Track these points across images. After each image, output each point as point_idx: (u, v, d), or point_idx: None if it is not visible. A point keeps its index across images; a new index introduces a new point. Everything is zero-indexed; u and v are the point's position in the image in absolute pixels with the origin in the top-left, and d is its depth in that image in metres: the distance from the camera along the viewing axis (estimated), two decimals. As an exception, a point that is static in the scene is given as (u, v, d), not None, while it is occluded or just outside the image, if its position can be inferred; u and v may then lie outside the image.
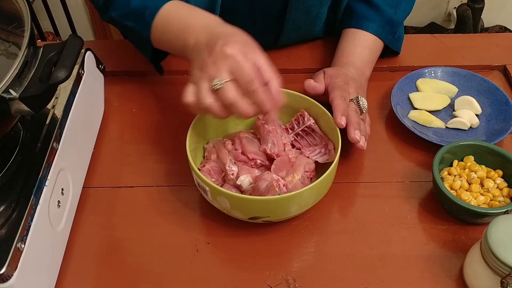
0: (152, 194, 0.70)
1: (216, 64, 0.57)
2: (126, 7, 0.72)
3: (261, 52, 0.59)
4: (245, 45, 0.58)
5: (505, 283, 0.53)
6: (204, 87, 0.57)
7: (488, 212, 0.62)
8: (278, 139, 0.67)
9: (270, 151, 0.66)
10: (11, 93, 0.53)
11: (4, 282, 0.50)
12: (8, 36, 0.59)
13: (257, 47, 0.60)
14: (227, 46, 0.57)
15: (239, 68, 0.56)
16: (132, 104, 0.83)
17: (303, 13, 0.84)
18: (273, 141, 0.65)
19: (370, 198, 0.69)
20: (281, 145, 0.66)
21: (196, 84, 0.58)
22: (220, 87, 0.56)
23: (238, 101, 0.57)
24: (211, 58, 0.57)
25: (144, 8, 0.70)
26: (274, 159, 0.67)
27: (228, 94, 0.56)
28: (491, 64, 0.89)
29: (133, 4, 0.71)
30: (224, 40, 0.58)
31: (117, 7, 0.73)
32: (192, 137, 0.66)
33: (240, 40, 0.59)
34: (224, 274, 0.62)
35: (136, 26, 0.72)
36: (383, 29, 0.82)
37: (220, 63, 0.57)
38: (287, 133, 0.71)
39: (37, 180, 0.57)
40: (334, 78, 0.73)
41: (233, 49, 0.57)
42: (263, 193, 0.62)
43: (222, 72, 0.56)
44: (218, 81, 0.56)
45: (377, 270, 0.61)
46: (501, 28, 2.14)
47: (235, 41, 0.58)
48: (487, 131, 0.77)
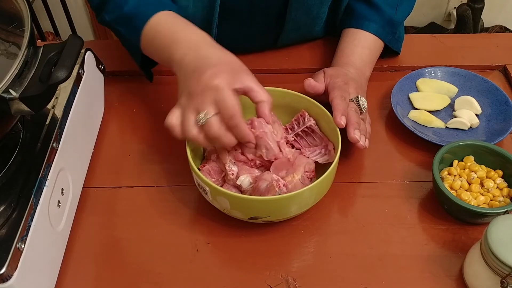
0: (152, 194, 0.70)
1: (203, 96, 0.58)
2: (119, 11, 0.72)
3: (251, 76, 0.61)
4: (233, 75, 0.59)
5: (505, 283, 0.53)
6: (190, 119, 0.59)
7: (488, 212, 0.62)
8: (270, 141, 0.65)
9: (266, 157, 0.65)
10: (11, 93, 0.53)
11: (4, 282, 0.50)
12: (8, 36, 0.59)
13: (245, 72, 0.61)
14: (215, 78, 0.58)
15: (223, 103, 0.57)
16: (132, 104, 0.83)
17: (303, 13, 0.84)
18: (266, 146, 0.65)
19: (370, 198, 0.69)
20: (275, 148, 0.65)
21: (182, 111, 0.60)
22: (205, 121, 0.58)
23: (221, 136, 0.59)
24: (199, 87, 0.58)
25: (136, 14, 0.70)
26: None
27: (211, 130, 0.58)
28: (491, 64, 0.89)
29: (125, 9, 0.71)
30: (212, 70, 0.59)
31: (110, 10, 0.73)
32: (192, 137, 0.66)
33: (228, 69, 0.60)
34: (224, 274, 0.62)
35: (126, 31, 0.72)
36: (383, 29, 0.82)
37: (207, 95, 0.58)
38: (286, 133, 0.71)
39: (37, 180, 0.57)
40: (334, 78, 0.73)
41: (220, 81, 0.58)
42: (263, 193, 0.62)
43: (208, 105, 0.58)
44: (203, 116, 0.58)
45: (377, 270, 0.61)
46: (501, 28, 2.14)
47: (223, 71, 0.59)
48: (487, 131, 0.77)
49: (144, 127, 0.79)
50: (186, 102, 0.60)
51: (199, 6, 0.80)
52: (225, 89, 0.58)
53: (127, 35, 0.72)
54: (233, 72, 0.60)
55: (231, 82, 0.58)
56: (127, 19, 0.71)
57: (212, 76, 0.58)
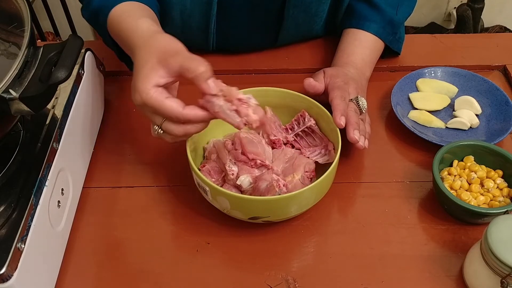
0: (152, 194, 0.70)
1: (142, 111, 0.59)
2: (91, 6, 0.73)
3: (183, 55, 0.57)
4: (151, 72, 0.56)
5: (505, 283, 0.53)
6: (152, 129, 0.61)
7: (488, 212, 0.62)
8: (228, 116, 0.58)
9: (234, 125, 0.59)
10: (11, 93, 0.53)
11: (4, 282, 0.50)
12: (8, 36, 0.59)
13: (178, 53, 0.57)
14: (135, 93, 0.57)
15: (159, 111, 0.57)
16: (132, 104, 0.81)
17: (302, 10, 0.84)
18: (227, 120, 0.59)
19: (370, 198, 0.69)
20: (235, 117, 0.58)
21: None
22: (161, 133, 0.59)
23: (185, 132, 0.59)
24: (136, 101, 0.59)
25: (100, 9, 0.70)
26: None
27: (167, 138, 0.60)
28: (491, 64, 0.89)
29: (93, 4, 0.72)
30: (133, 88, 0.58)
31: (86, 7, 0.75)
32: (192, 137, 0.66)
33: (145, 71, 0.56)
34: (224, 274, 0.62)
35: (97, 27, 0.74)
36: (384, 29, 0.82)
37: (143, 110, 0.59)
38: (286, 133, 0.71)
39: (37, 180, 0.57)
40: (334, 78, 0.73)
41: (139, 95, 0.57)
42: (263, 193, 0.62)
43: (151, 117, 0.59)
44: (156, 129, 0.59)
45: (377, 270, 0.61)
46: (501, 28, 2.14)
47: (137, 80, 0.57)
48: (487, 131, 0.77)
49: (144, 127, 0.79)
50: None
51: (197, 2, 0.80)
52: (149, 100, 0.56)
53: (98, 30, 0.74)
54: (151, 69, 0.57)
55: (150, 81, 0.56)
56: (95, 13, 0.72)
57: (133, 92, 0.58)
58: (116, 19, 0.68)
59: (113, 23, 0.68)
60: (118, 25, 0.67)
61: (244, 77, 0.88)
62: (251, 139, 0.68)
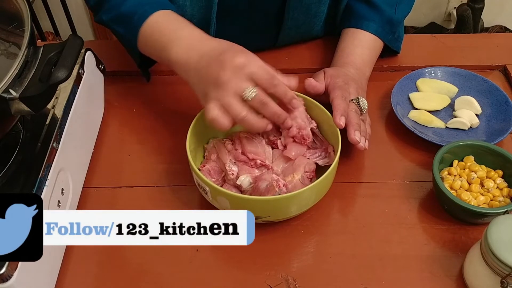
0: (152, 194, 0.70)
1: (235, 77, 0.59)
2: (116, 11, 0.72)
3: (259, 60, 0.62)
4: (247, 53, 0.61)
5: (505, 283, 0.53)
6: (234, 102, 0.59)
7: (488, 212, 0.62)
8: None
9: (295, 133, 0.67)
10: (11, 93, 0.53)
11: (4, 282, 0.50)
12: (8, 36, 0.59)
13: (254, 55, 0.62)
14: (237, 57, 0.59)
15: (257, 73, 0.59)
16: (132, 104, 0.83)
17: (302, 12, 0.84)
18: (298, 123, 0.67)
19: (370, 198, 0.69)
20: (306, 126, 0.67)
21: (219, 101, 0.60)
22: (255, 95, 0.59)
23: (270, 101, 0.61)
24: (226, 73, 0.59)
25: (133, 13, 0.70)
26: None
27: (261, 97, 0.60)
28: (491, 64, 0.89)
29: (123, 8, 0.71)
30: (230, 53, 0.60)
31: (108, 10, 0.73)
32: (192, 137, 0.66)
33: (241, 49, 0.62)
34: (224, 274, 0.62)
35: (124, 31, 0.72)
36: (383, 29, 0.82)
37: (238, 75, 0.59)
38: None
39: (37, 180, 0.57)
40: (334, 78, 0.73)
41: (243, 58, 0.60)
42: (263, 193, 0.62)
43: (245, 82, 0.59)
44: (249, 90, 0.59)
45: (377, 270, 0.61)
46: (501, 28, 2.14)
47: (240, 51, 0.61)
48: (487, 131, 0.77)
49: (144, 127, 0.79)
50: (219, 92, 0.60)
51: (197, 5, 0.80)
52: (251, 62, 0.59)
53: (125, 34, 0.72)
54: (247, 51, 0.62)
55: (250, 57, 0.60)
56: (125, 18, 0.71)
57: (233, 57, 0.59)
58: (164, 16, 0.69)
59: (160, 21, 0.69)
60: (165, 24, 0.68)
61: (244, 77, 0.88)
62: (251, 139, 0.68)
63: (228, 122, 0.60)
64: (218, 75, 0.59)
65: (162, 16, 0.69)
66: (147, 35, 0.69)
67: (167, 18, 0.69)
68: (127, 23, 0.71)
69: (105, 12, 0.74)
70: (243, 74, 0.59)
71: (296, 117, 0.67)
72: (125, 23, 0.71)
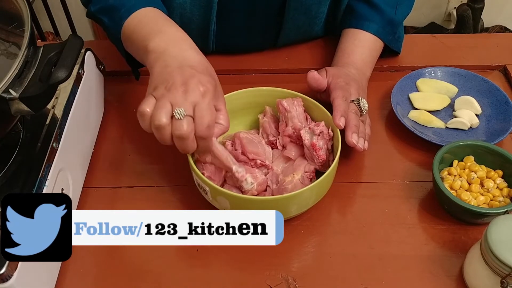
0: (152, 194, 0.70)
1: (186, 94, 0.57)
2: (105, 2, 0.72)
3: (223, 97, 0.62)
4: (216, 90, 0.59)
5: (505, 283, 0.53)
6: (165, 108, 0.56)
7: (488, 212, 0.62)
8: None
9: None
10: (11, 93, 0.53)
11: (4, 282, 0.50)
12: (8, 36, 0.59)
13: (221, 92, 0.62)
14: (202, 83, 0.57)
15: (204, 111, 0.57)
16: (132, 104, 0.83)
17: (302, 12, 0.84)
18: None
19: (370, 198, 0.69)
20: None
21: (158, 100, 0.58)
22: (179, 118, 0.56)
23: (188, 138, 0.57)
24: (183, 85, 0.57)
25: (121, 6, 0.70)
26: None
27: (184, 128, 0.56)
28: (491, 64, 0.89)
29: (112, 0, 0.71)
30: (200, 76, 0.58)
31: (97, 1, 0.74)
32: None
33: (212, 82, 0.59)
34: (224, 274, 0.62)
35: (110, 22, 0.72)
36: (384, 29, 0.82)
37: (190, 95, 0.57)
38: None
39: (37, 180, 0.57)
40: (335, 78, 0.73)
41: (207, 89, 0.57)
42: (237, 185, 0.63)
43: (188, 104, 0.56)
44: (180, 112, 0.56)
45: (377, 270, 0.61)
46: (501, 28, 2.14)
47: (209, 82, 0.58)
48: (487, 131, 0.77)
49: (144, 127, 0.79)
50: (164, 93, 0.57)
51: (197, 4, 0.80)
52: (209, 99, 0.57)
53: (110, 25, 0.72)
54: (215, 88, 0.60)
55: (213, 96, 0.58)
56: (112, 9, 0.71)
57: (200, 80, 0.57)
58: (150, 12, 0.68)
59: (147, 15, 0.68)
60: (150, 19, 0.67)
61: (244, 77, 0.88)
62: (251, 139, 0.68)
63: (148, 125, 0.58)
64: (175, 78, 0.58)
65: (150, 12, 0.69)
66: (131, 28, 0.68)
67: (154, 14, 0.69)
68: (113, 14, 0.71)
69: (94, 4, 0.74)
70: (193, 98, 0.56)
71: (293, 117, 0.67)
72: (111, 13, 0.71)
